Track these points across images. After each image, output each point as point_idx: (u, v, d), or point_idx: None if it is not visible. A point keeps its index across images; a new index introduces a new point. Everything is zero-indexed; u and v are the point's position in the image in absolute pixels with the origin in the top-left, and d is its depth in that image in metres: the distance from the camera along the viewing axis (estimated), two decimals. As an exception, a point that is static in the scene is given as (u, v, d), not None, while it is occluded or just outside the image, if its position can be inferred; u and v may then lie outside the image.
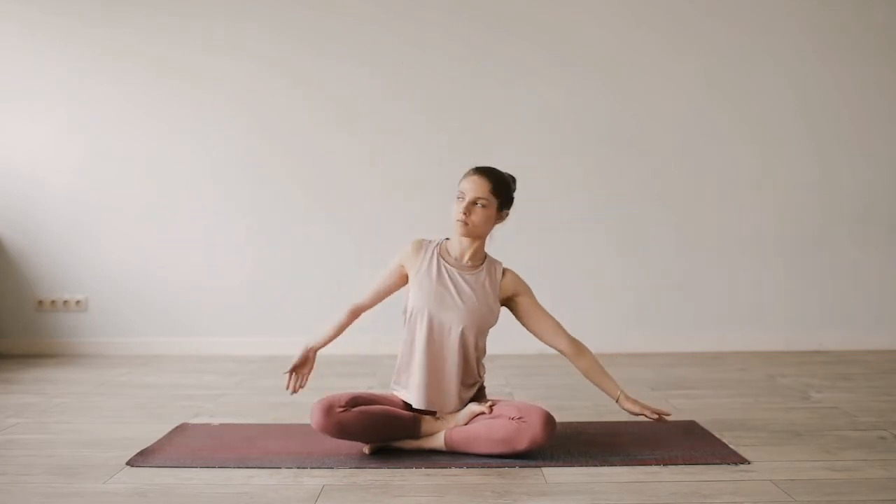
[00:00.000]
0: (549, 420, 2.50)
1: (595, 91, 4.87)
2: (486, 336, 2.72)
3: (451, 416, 2.63)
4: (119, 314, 4.83)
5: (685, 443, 2.70)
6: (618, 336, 4.80)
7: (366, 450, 2.59)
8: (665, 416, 2.69)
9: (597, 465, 2.47)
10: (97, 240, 4.83)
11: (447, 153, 4.82)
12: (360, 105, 4.85)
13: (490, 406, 2.61)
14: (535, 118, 4.86)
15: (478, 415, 2.60)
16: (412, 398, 2.63)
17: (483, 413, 2.59)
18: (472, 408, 2.62)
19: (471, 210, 2.61)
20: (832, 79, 4.88)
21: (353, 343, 4.77)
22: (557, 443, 2.62)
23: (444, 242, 2.74)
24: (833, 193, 4.89)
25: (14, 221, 4.82)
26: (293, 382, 2.70)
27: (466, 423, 2.59)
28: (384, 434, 2.56)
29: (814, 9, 4.88)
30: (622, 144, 4.87)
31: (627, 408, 2.68)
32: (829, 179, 4.89)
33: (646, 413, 2.66)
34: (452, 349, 2.62)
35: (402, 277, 2.75)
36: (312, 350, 2.74)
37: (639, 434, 2.81)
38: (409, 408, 2.67)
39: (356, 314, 2.80)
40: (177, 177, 4.85)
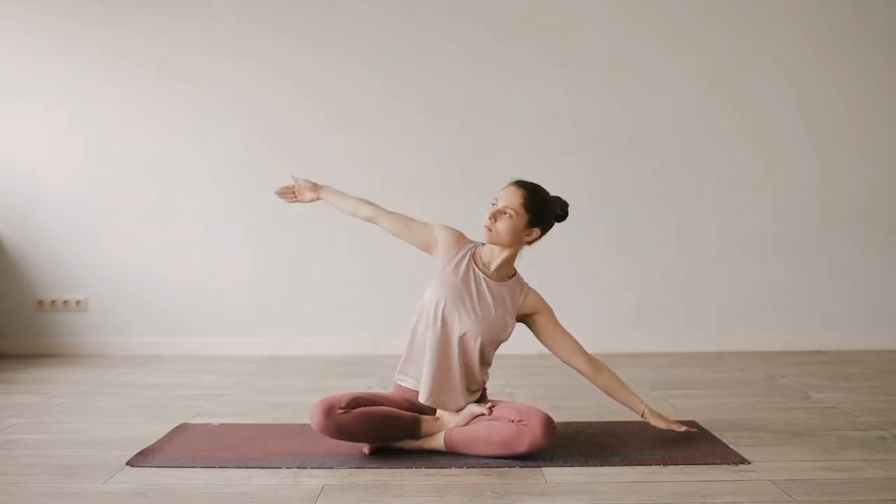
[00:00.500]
0: (549, 423, 2.50)
1: (595, 91, 4.87)
2: (496, 349, 2.72)
3: (451, 417, 2.63)
4: (119, 314, 4.83)
5: (685, 443, 2.70)
6: (618, 336, 4.80)
7: (366, 450, 2.59)
8: (691, 431, 2.74)
9: (597, 465, 2.47)
10: (97, 240, 4.83)
11: (447, 153, 4.82)
12: (360, 105, 4.85)
13: (490, 407, 2.61)
14: (535, 118, 4.86)
15: (477, 416, 2.60)
16: (421, 393, 2.63)
17: (483, 414, 2.60)
18: (472, 409, 2.62)
19: (497, 217, 2.63)
20: (832, 79, 4.88)
21: (354, 343, 4.81)
22: (557, 443, 2.62)
23: (480, 247, 2.75)
24: (833, 193, 4.89)
25: (14, 221, 4.82)
26: (282, 194, 3.02)
27: (466, 424, 2.60)
28: (384, 435, 2.56)
29: (814, 9, 4.88)
30: (622, 144, 4.87)
31: (654, 423, 2.71)
32: (829, 179, 4.89)
33: (673, 428, 2.70)
34: (459, 352, 2.62)
35: (426, 244, 2.77)
36: (315, 186, 2.93)
37: (639, 434, 2.81)
38: (410, 406, 2.67)
39: (368, 208, 2.83)
40: (177, 177, 4.85)
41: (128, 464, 2.51)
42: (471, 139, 4.82)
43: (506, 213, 2.62)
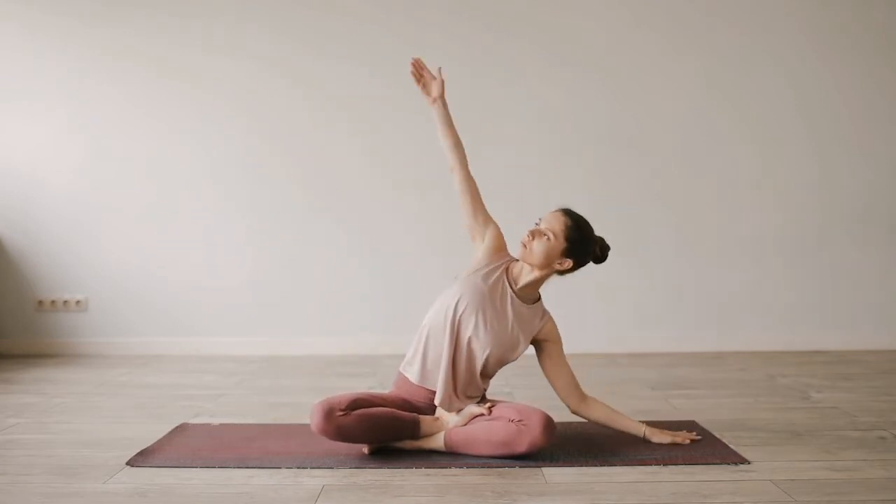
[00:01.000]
0: (549, 423, 2.50)
1: (595, 91, 4.87)
2: (500, 367, 2.71)
3: (451, 417, 2.62)
4: (119, 314, 4.83)
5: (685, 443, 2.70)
6: (618, 336, 4.80)
7: (366, 450, 2.59)
8: (696, 439, 2.72)
9: (597, 465, 2.47)
10: (97, 240, 4.83)
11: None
12: (360, 105, 4.85)
13: (489, 407, 2.61)
14: (535, 118, 4.86)
15: (477, 416, 2.60)
16: (438, 393, 2.61)
17: (482, 414, 2.60)
18: (472, 409, 2.62)
19: (535, 236, 2.64)
20: (832, 79, 4.88)
21: (354, 343, 4.81)
22: (557, 443, 2.62)
23: (514, 262, 2.75)
24: (833, 193, 4.89)
25: (14, 221, 4.82)
26: (417, 67, 3.01)
27: (465, 424, 2.60)
28: (384, 436, 2.56)
29: (814, 9, 4.88)
30: (622, 144, 4.87)
31: (658, 440, 2.69)
32: (829, 179, 4.89)
33: (678, 440, 2.69)
34: (466, 355, 2.62)
35: (475, 230, 2.77)
36: (442, 93, 3.07)
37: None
38: (410, 406, 2.67)
39: (460, 155, 2.93)
40: (177, 177, 4.85)
41: (128, 464, 2.51)
42: (471, 139, 4.74)
43: (545, 236, 2.63)
